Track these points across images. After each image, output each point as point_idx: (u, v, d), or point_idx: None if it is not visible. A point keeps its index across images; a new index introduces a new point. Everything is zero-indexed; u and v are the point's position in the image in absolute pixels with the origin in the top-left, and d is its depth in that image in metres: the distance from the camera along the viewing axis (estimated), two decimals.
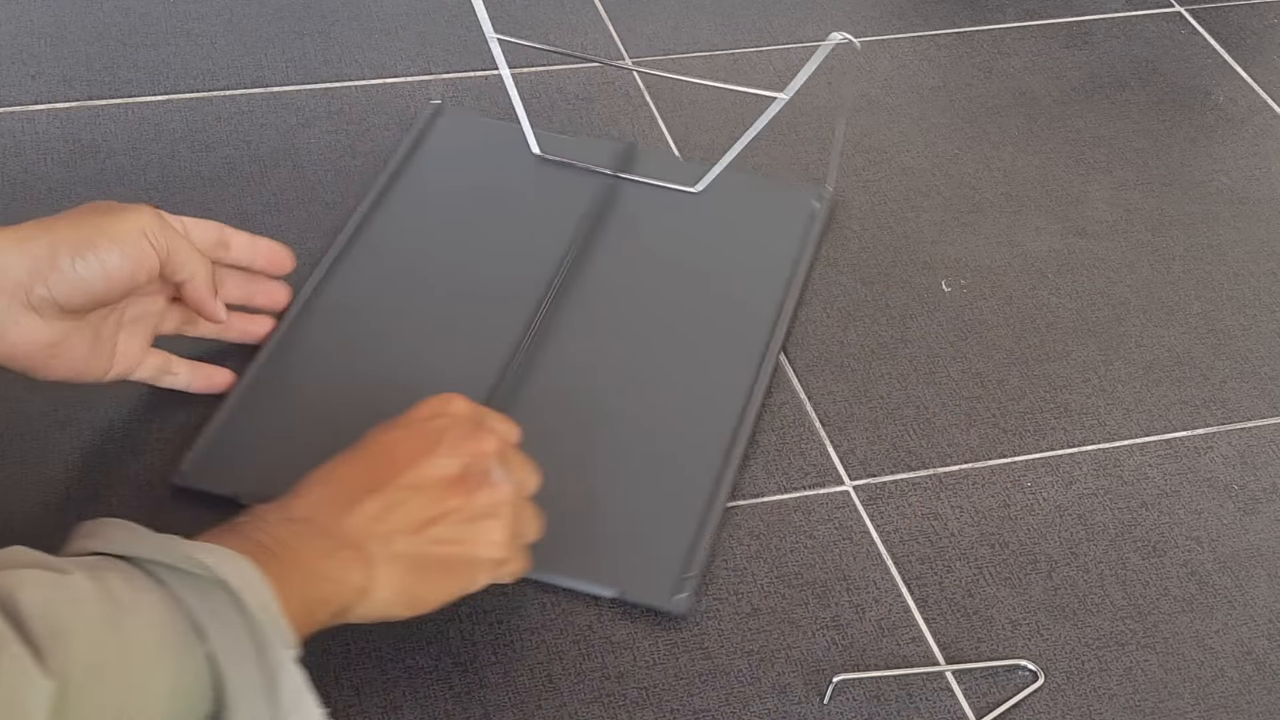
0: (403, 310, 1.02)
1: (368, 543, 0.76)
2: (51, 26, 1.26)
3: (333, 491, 0.78)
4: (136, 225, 0.87)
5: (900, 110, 1.25)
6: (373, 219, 1.08)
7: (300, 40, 1.27)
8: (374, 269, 1.04)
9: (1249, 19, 1.40)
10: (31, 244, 0.84)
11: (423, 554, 0.78)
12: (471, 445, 0.81)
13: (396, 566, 0.77)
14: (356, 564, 0.76)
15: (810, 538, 0.92)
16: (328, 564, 0.75)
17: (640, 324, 1.02)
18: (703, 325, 1.02)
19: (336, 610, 0.75)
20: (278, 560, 0.72)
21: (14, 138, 1.14)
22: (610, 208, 1.09)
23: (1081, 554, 0.93)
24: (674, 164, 1.14)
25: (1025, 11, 1.38)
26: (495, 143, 1.15)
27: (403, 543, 0.77)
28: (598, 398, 0.97)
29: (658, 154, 1.15)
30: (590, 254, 1.06)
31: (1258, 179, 1.22)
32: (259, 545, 0.73)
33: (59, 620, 0.62)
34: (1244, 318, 1.09)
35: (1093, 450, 0.99)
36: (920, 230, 1.13)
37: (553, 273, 1.04)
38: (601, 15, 1.32)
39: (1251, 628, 0.89)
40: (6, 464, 0.92)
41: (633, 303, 1.03)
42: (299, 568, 0.73)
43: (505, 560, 0.81)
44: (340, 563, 0.75)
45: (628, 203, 1.10)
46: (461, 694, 0.82)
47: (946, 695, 0.85)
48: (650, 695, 0.83)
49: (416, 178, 1.12)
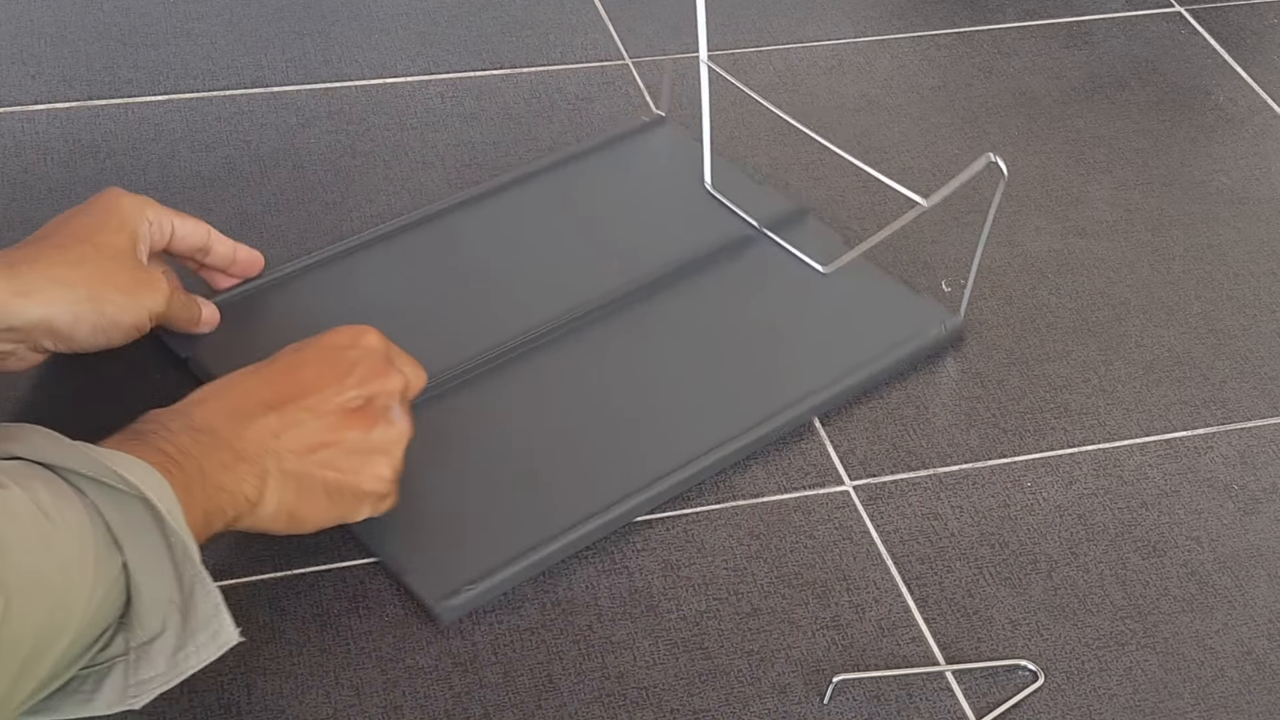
0: (471, 269, 1.05)
1: (263, 457, 0.79)
2: (51, 26, 1.26)
3: (235, 403, 0.80)
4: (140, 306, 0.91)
5: (900, 110, 1.25)
6: (514, 187, 1.12)
7: (300, 40, 1.27)
8: (486, 227, 1.08)
9: (1249, 19, 1.40)
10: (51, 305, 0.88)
11: (311, 475, 0.81)
12: (379, 382, 0.84)
13: (286, 484, 0.80)
14: (251, 477, 0.78)
15: (810, 538, 0.92)
16: (225, 476, 0.77)
17: (675, 359, 1.01)
18: (733, 383, 0.99)
19: (229, 521, 0.78)
20: (183, 471, 0.74)
21: (14, 138, 1.14)
22: (736, 252, 1.07)
23: (1081, 554, 0.93)
24: (825, 237, 1.09)
25: (1025, 11, 1.38)
26: (681, 166, 1.14)
27: (294, 461, 0.80)
28: (566, 404, 0.97)
29: (817, 224, 1.10)
30: (683, 283, 1.05)
31: (1258, 179, 1.22)
32: (165, 455, 0.74)
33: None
34: (1244, 318, 1.09)
35: (1093, 450, 0.99)
36: (920, 230, 1.13)
37: (631, 284, 1.04)
38: (601, 15, 1.33)
39: (1251, 628, 0.89)
40: None
41: (682, 337, 1.02)
42: (200, 478, 0.75)
43: (386, 495, 0.85)
44: (237, 476, 0.78)
45: (756, 255, 1.08)
46: (461, 694, 0.82)
47: (946, 695, 0.85)
48: (650, 695, 0.83)
49: (584, 169, 1.14)
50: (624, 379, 0.99)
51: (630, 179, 1.14)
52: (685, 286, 1.05)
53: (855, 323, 1.03)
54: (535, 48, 1.28)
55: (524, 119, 1.21)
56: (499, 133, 1.19)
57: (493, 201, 1.11)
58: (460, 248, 1.07)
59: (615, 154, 1.16)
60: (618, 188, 1.13)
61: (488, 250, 1.07)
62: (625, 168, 1.15)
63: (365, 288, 1.03)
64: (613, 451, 0.94)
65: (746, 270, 1.06)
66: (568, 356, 1.00)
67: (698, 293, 1.05)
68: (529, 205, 1.11)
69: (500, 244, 1.08)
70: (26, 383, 0.95)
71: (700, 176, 1.12)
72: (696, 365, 1.00)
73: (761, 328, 1.03)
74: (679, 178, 1.13)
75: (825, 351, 1.01)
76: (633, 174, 1.15)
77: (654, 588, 0.89)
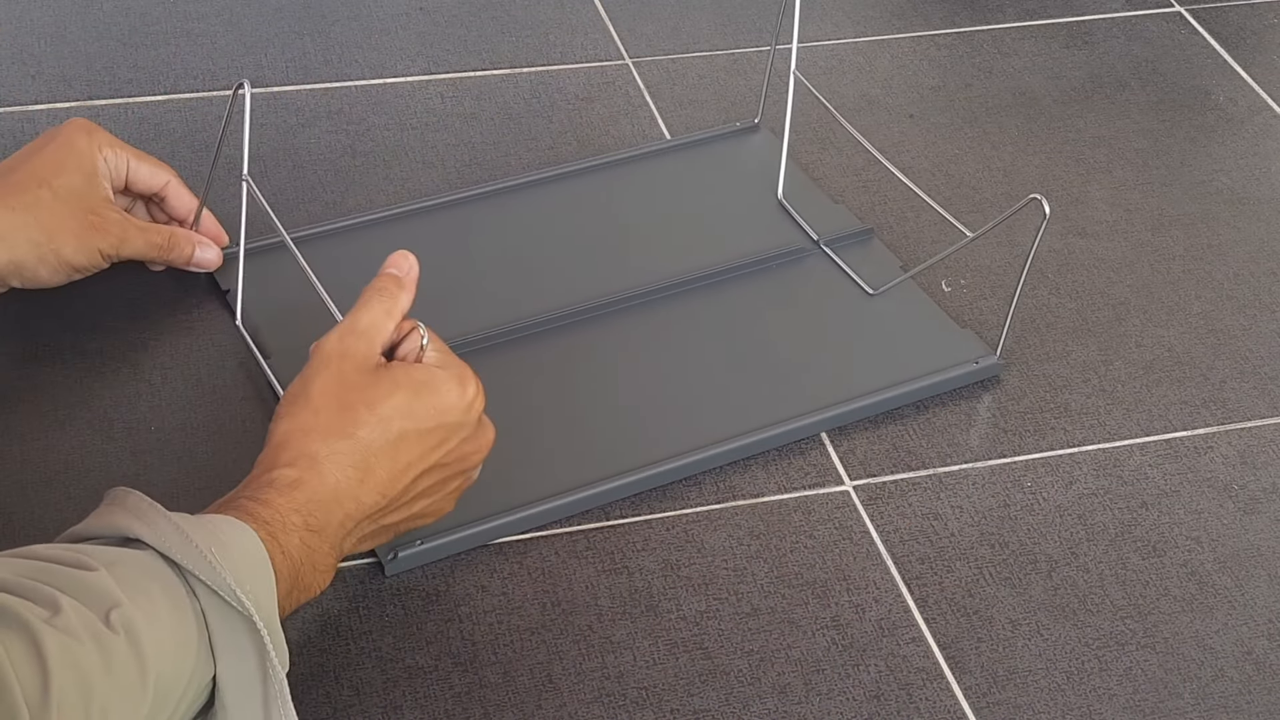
0: (528, 244, 1.08)
1: (348, 548, 0.81)
2: (51, 26, 1.26)
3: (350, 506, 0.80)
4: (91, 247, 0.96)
5: (900, 110, 1.25)
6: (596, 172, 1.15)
7: (300, 40, 1.27)
8: (555, 205, 1.12)
9: (1249, 19, 1.40)
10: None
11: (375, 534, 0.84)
12: (475, 457, 0.85)
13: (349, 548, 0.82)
14: (330, 573, 0.80)
15: (810, 538, 0.92)
16: (317, 578, 0.79)
17: (700, 354, 1.01)
18: (753, 385, 0.99)
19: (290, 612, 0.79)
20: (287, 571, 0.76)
21: (14, 138, 1.14)
22: (792, 262, 1.08)
23: (1081, 554, 0.93)
24: (883, 259, 1.09)
25: (1025, 11, 1.38)
26: (761, 174, 1.15)
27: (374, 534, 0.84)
28: (578, 385, 0.99)
29: (878, 246, 1.10)
30: (732, 284, 1.06)
31: (1258, 179, 1.22)
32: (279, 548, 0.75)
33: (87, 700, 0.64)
34: (1244, 318, 1.09)
35: (1093, 450, 0.99)
36: (920, 230, 1.13)
37: (680, 277, 1.05)
38: (601, 15, 1.32)
39: (1251, 628, 0.89)
40: (7, 464, 0.92)
41: (715, 334, 1.03)
42: (295, 581, 0.77)
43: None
44: (323, 578, 0.80)
45: (810, 268, 1.08)
46: (461, 694, 0.82)
47: (947, 695, 0.85)
48: (650, 695, 0.83)
49: (668, 164, 1.16)
50: (646, 367, 1.00)
51: (710, 180, 1.16)
52: (733, 287, 1.06)
53: (892, 346, 1.03)
54: (535, 48, 1.28)
55: (524, 119, 1.20)
56: (499, 133, 1.19)
57: (571, 182, 1.14)
58: (527, 222, 1.10)
59: (702, 154, 1.18)
60: (696, 186, 1.15)
61: (549, 227, 1.10)
62: (708, 168, 1.16)
63: (431, 247, 1.04)
64: (608, 436, 0.95)
65: (798, 281, 1.07)
66: (594, 339, 1.01)
67: (744, 295, 1.06)
68: (602, 190, 1.14)
69: (564, 223, 1.11)
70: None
71: (776, 186, 1.13)
72: (719, 363, 1.01)
73: (798, 337, 1.04)
74: (756, 185, 1.15)
75: (854, 369, 1.01)
76: (714, 175, 1.16)
77: (654, 588, 0.89)
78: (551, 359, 1.00)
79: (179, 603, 0.69)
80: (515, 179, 1.13)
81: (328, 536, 0.78)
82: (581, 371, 1.00)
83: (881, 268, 1.08)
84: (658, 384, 0.99)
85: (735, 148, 1.18)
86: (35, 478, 0.91)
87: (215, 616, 0.70)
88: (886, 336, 1.03)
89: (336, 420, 0.79)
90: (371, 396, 0.80)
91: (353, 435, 0.79)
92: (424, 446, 0.81)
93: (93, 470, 0.92)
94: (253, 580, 0.71)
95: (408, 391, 0.81)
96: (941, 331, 1.04)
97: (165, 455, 0.93)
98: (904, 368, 1.01)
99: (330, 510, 0.78)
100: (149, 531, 0.71)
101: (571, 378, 0.99)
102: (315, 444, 0.79)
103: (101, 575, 0.67)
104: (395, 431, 0.80)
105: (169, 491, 0.91)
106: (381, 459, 0.80)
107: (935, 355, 1.02)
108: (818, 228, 1.10)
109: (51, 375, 0.97)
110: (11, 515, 0.89)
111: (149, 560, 0.70)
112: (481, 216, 1.10)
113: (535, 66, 1.26)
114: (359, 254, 1.04)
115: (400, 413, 0.80)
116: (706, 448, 0.95)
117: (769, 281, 1.07)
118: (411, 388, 0.81)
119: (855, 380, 1.00)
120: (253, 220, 1.02)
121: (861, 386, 0.99)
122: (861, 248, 1.10)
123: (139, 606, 0.67)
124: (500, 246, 1.08)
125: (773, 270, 1.07)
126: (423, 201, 1.11)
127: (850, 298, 1.06)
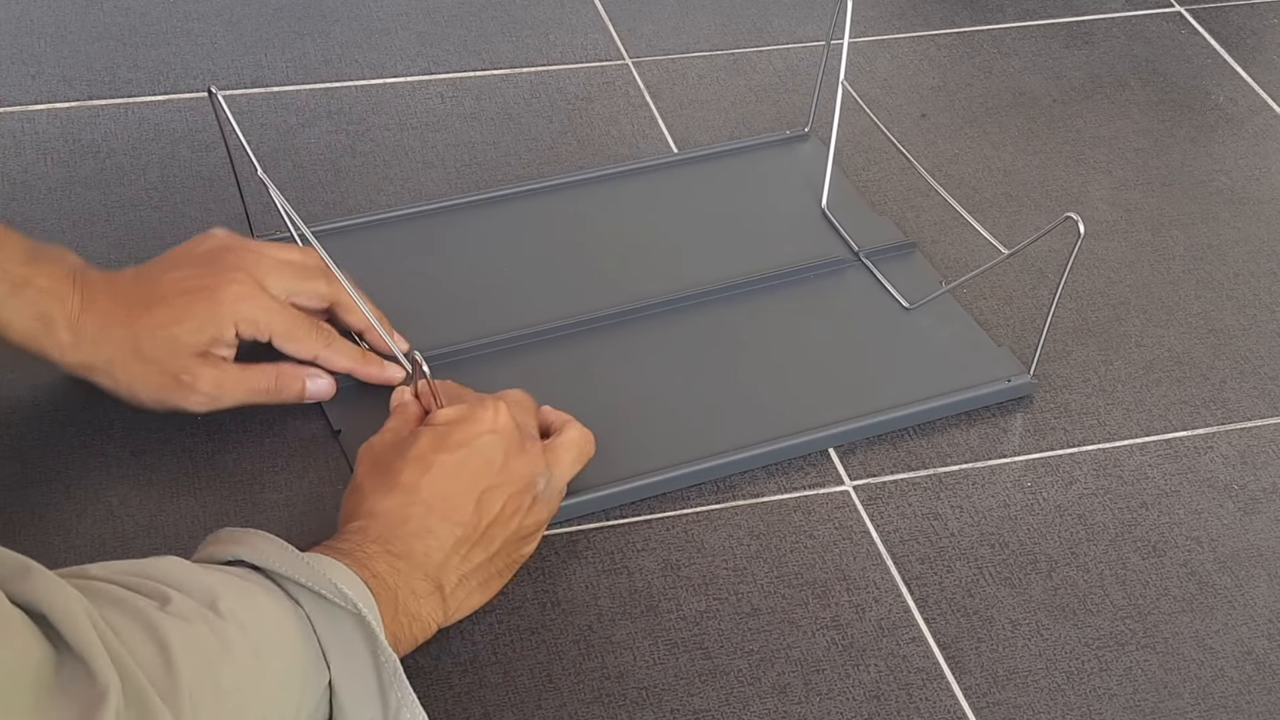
0: (569, 245, 1.09)
1: (449, 584, 0.82)
2: (51, 26, 1.26)
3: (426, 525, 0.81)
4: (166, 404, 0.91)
5: (900, 110, 1.25)
6: (643, 174, 1.15)
7: (300, 40, 1.27)
8: (600, 206, 1.12)
9: (1249, 19, 1.40)
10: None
11: (484, 580, 0.85)
12: (525, 467, 0.85)
13: (461, 589, 0.83)
14: (439, 605, 0.81)
15: (810, 537, 0.92)
16: (418, 605, 0.79)
17: (730, 359, 1.01)
18: (779, 391, 0.99)
19: (415, 646, 0.80)
20: (384, 595, 0.77)
21: (14, 138, 1.14)
22: (831, 273, 1.08)
23: (1081, 554, 0.93)
24: (923, 273, 1.08)
25: (1025, 11, 1.38)
26: (807, 184, 1.15)
27: (476, 576, 0.84)
28: (607, 385, 0.99)
29: (919, 260, 1.10)
30: (769, 291, 1.06)
31: (1258, 179, 1.22)
32: (371, 574, 0.77)
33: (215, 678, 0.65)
34: (1244, 318, 1.09)
35: (1093, 450, 0.99)
36: (920, 230, 1.13)
37: (718, 283, 1.05)
38: (601, 15, 1.33)
39: (1251, 628, 0.89)
40: (7, 464, 0.92)
41: (748, 340, 1.03)
42: (394, 604, 0.78)
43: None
44: (431, 605, 0.80)
45: (849, 279, 1.08)
46: (461, 694, 0.82)
47: (947, 695, 0.85)
48: (650, 695, 0.83)
49: (716, 170, 1.17)
50: (675, 372, 1.00)
51: (757, 187, 1.16)
52: (770, 296, 1.06)
53: (924, 360, 1.02)
54: (535, 48, 1.28)
55: (524, 119, 1.21)
56: (499, 133, 1.19)
57: (618, 183, 1.15)
58: (574, 221, 1.11)
59: (751, 161, 1.18)
60: (743, 193, 1.15)
61: (592, 228, 1.11)
62: (756, 176, 1.17)
63: (477, 243, 1.08)
64: (633, 438, 0.95)
65: (836, 291, 1.07)
66: (627, 342, 1.01)
67: (780, 304, 1.05)
68: (649, 192, 1.14)
69: (608, 224, 1.11)
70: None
71: (821, 195, 1.13)
72: (750, 371, 1.01)
73: (832, 348, 1.03)
74: (801, 194, 1.15)
75: (885, 382, 1.01)
76: (761, 183, 1.16)
77: (654, 588, 0.89)
78: (579, 362, 1.00)
79: (281, 602, 0.71)
80: (561, 178, 1.14)
81: (416, 562, 0.80)
82: (610, 375, 0.99)
83: (921, 281, 1.08)
84: (686, 389, 0.99)
85: (784, 156, 1.18)
86: (36, 477, 0.91)
87: (321, 618, 0.71)
88: (920, 351, 1.03)
89: (381, 480, 0.83)
90: (403, 448, 0.84)
91: (397, 484, 0.82)
92: (470, 469, 0.83)
93: (93, 469, 0.92)
94: (348, 585, 0.73)
95: (432, 432, 0.85)
96: (976, 348, 1.04)
97: (165, 455, 0.93)
98: (935, 383, 1.00)
99: (408, 541, 0.80)
100: (245, 550, 0.73)
101: (600, 381, 0.99)
102: (369, 502, 0.82)
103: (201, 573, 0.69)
104: (434, 464, 0.83)
105: (169, 491, 0.91)
106: (434, 488, 0.82)
107: (968, 371, 1.02)
108: (859, 239, 1.10)
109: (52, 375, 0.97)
110: (12, 515, 0.89)
111: (247, 573, 0.72)
112: (530, 215, 1.11)
113: (535, 66, 1.26)
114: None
115: (431, 446, 0.84)
116: (728, 453, 0.94)
117: (807, 291, 1.07)
118: (437, 430, 0.85)
119: (884, 393, 1.00)
120: (274, 216, 1.02)
121: (889, 400, 0.99)
122: (902, 260, 1.09)
123: (243, 602, 0.69)
124: (542, 247, 1.08)
125: (811, 280, 1.07)
126: (472, 195, 1.11)
127: (887, 311, 1.06)
